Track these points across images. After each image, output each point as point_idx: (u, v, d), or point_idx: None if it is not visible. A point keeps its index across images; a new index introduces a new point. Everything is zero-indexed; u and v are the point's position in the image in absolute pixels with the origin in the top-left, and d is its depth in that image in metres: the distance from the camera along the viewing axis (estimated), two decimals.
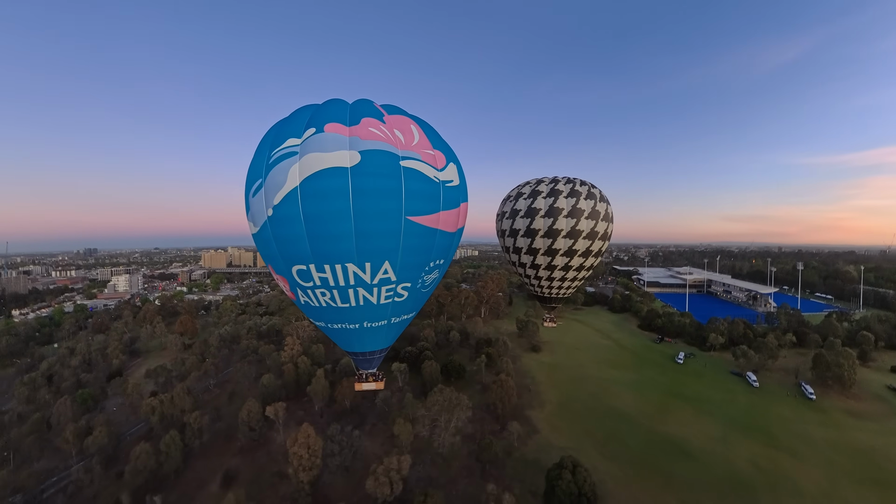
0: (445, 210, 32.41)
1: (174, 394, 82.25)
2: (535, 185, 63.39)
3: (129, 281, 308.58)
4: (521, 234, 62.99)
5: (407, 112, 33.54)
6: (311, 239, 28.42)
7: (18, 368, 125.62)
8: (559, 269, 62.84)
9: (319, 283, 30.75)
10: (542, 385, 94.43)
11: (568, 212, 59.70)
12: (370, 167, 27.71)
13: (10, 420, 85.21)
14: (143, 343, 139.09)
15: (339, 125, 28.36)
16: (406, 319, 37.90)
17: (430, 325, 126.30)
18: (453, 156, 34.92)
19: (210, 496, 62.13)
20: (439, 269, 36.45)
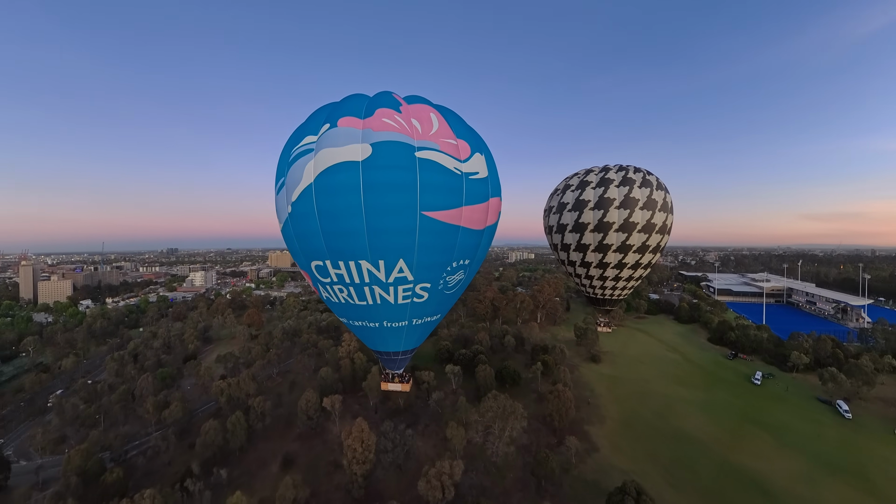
0: (470, 205, 29.39)
1: (240, 379, 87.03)
2: (584, 176, 57.15)
3: (204, 277, 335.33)
4: (568, 230, 57.17)
5: (431, 101, 31.15)
6: (326, 235, 27.92)
7: (110, 347, 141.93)
8: (612, 266, 56.43)
9: (336, 279, 30.20)
10: (603, 399, 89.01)
11: (620, 202, 53.15)
12: (382, 159, 26.03)
13: (102, 389, 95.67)
14: (214, 332, 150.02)
15: (353, 119, 27.37)
16: (430, 322, 35.03)
17: (485, 329, 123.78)
18: (481, 145, 32.00)
19: (270, 476, 64.29)
20: (464, 271, 33.01)
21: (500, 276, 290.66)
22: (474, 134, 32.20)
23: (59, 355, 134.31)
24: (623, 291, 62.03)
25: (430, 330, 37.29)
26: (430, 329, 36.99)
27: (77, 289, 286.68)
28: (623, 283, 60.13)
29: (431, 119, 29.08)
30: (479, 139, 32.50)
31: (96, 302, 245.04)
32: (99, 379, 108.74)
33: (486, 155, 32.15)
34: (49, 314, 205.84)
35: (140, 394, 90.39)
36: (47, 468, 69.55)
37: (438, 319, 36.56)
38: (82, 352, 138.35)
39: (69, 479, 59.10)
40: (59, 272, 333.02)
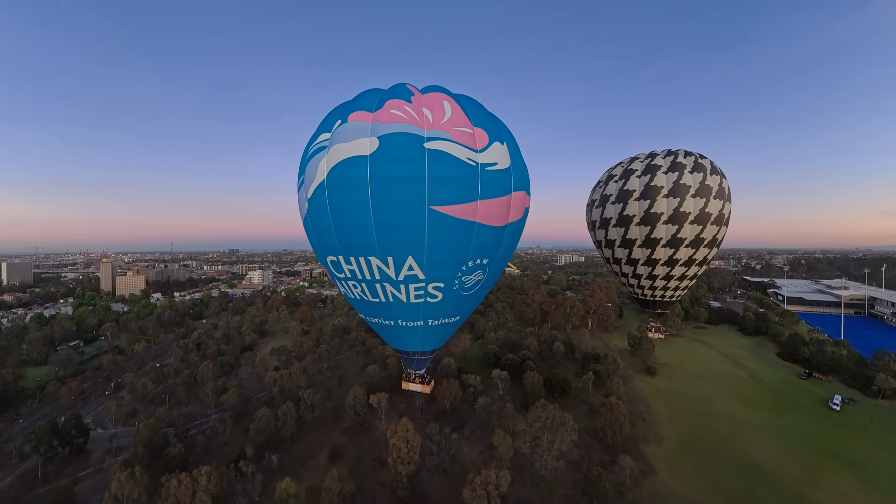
0: (486, 199, 27.20)
1: (292, 371, 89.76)
2: (629, 164, 50.92)
3: (261, 275, 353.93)
4: (612, 224, 51.44)
5: (449, 91, 28.88)
6: (338, 231, 27.45)
7: (176, 335, 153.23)
8: (661, 264, 50.12)
9: (349, 275, 29.62)
10: (659, 416, 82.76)
11: (669, 190, 46.63)
12: (389, 152, 25.19)
13: (168, 372, 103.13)
14: (270, 326, 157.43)
15: (364, 113, 26.57)
16: (448, 324, 32.95)
17: (533, 334, 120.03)
18: (503, 134, 29.18)
19: (318, 466, 65.17)
20: (483, 271, 30.37)
21: (548, 280, 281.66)
22: (495, 122, 29.64)
23: (132, 340, 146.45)
24: (676, 293, 55.52)
25: (451, 332, 35.17)
26: (451, 331, 34.82)
27: (149, 283, 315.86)
28: (675, 284, 53.77)
29: (444, 107, 27.29)
30: (502, 127, 29.89)
31: (165, 295, 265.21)
32: (166, 363, 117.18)
33: (510, 144, 29.47)
34: (125, 305, 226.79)
35: (201, 378, 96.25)
36: (119, 437, 76.11)
37: (459, 322, 34.13)
38: (152, 338, 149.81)
39: (137, 449, 63.87)
40: (134, 269, 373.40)
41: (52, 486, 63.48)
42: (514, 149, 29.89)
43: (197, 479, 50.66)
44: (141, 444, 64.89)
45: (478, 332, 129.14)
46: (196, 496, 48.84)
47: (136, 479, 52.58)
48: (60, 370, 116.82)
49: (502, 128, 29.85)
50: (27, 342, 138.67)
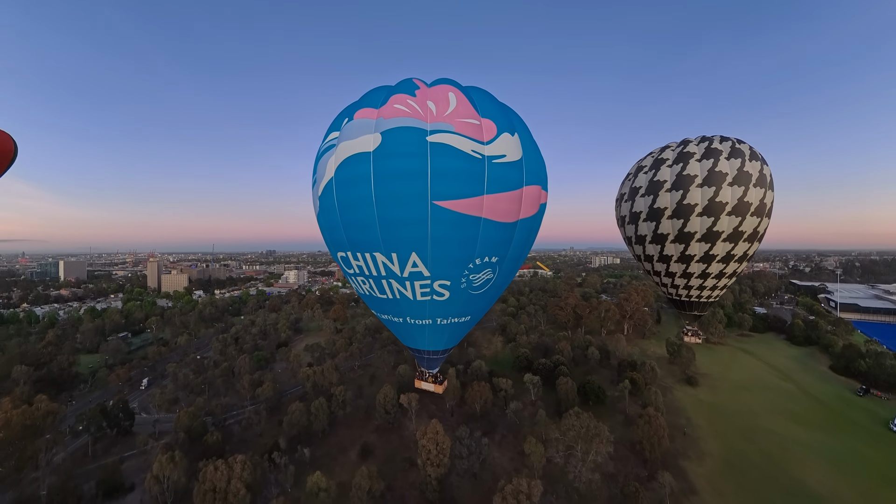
0: (494, 193, 25.53)
1: (325, 368, 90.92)
2: (660, 153, 46.86)
3: (297, 275, 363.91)
4: (642, 219, 46.98)
5: (458, 83, 27.84)
6: (345, 227, 27.44)
7: (216, 330, 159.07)
8: (696, 260, 45.40)
9: (358, 270, 29.45)
10: (701, 431, 77.84)
11: (703, 179, 42.49)
12: (391, 147, 24.46)
13: (208, 364, 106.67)
14: (304, 323, 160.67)
15: (369, 110, 26.18)
16: (458, 324, 31.60)
17: (566, 338, 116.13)
18: (515, 125, 27.64)
19: (348, 462, 65.40)
20: (492, 270, 28.90)
21: (582, 282, 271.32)
22: (506, 112, 28.09)
23: (175, 333, 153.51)
24: (713, 292, 50.15)
25: (462, 332, 33.99)
26: (462, 331, 33.62)
27: (192, 281, 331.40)
28: (713, 283, 48.38)
29: (449, 98, 26.02)
30: (514, 118, 28.46)
31: (207, 293, 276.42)
32: (206, 355, 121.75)
33: (523, 136, 27.86)
34: (169, 301, 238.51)
35: (239, 371, 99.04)
36: (162, 422, 79.58)
37: (470, 322, 32.91)
38: (194, 332, 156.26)
39: (178, 434, 66.55)
40: (178, 268, 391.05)
41: (100, 463, 67.16)
42: (528, 140, 28.40)
43: (232, 466, 51.76)
44: (182, 429, 67.57)
45: (509, 334, 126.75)
46: (231, 483, 49.80)
47: (176, 462, 54.48)
48: (110, 358, 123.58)
49: (514, 118, 28.44)
50: (81, 332, 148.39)
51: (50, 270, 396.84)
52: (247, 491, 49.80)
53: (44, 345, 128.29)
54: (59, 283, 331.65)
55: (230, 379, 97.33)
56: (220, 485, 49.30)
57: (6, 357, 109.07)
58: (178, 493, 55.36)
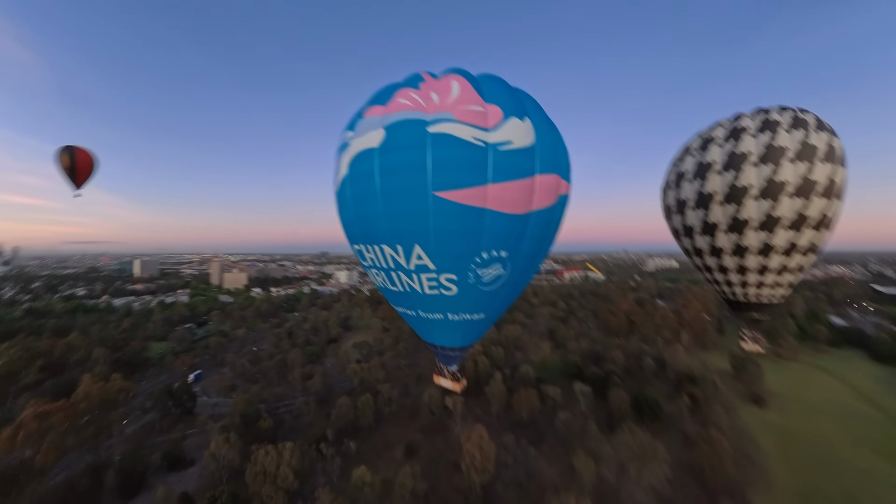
0: (499, 182, 24.07)
1: (372, 365, 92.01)
2: (709, 132, 41.23)
3: (347, 275, 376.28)
4: (690, 207, 41.24)
5: (466, 71, 26.57)
6: (358, 220, 27.79)
7: (271, 325, 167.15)
8: (753, 252, 38.92)
9: (371, 262, 29.43)
10: (770, 458, 68.84)
11: (759, 156, 36.54)
12: (393, 141, 24.45)
13: (263, 355, 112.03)
14: (353, 321, 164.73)
15: (377, 107, 26.17)
16: (471, 321, 30.04)
17: (619, 346, 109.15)
18: (525, 109, 25.53)
19: (393, 459, 65.12)
20: (503, 265, 27.13)
21: (636, 287, 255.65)
22: (517, 96, 26.14)
23: (234, 326, 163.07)
24: (774, 291, 42.53)
25: (477, 331, 32.41)
26: (476, 329, 32.05)
27: (250, 279, 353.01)
28: (773, 279, 40.97)
29: (451, 87, 24.99)
30: (526, 102, 26.36)
31: (264, 290, 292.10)
32: (261, 348, 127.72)
33: (536, 120, 25.65)
34: (230, 296, 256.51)
35: (291, 364, 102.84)
36: (220, 406, 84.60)
37: (484, 320, 31.33)
38: (251, 326, 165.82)
39: (234, 418, 69.91)
40: (239, 267, 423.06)
41: (166, 437, 72.94)
42: (544, 126, 26.32)
43: (282, 452, 53.12)
44: (237, 414, 70.82)
45: (558, 340, 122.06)
46: (280, 467, 51.06)
47: (231, 444, 56.84)
48: (176, 346, 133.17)
49: (527, 102, 26.49)
50: (152, 322, 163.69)
51: (127, 268, 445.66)
52: (294, 477, 50.83)
53: (120, 331, 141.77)
54: (134, 279, 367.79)
55: (283, 370, 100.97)
56: (270, 468, 50.71)
57: (89, 339, 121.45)
58: (233, 471, 57.91)
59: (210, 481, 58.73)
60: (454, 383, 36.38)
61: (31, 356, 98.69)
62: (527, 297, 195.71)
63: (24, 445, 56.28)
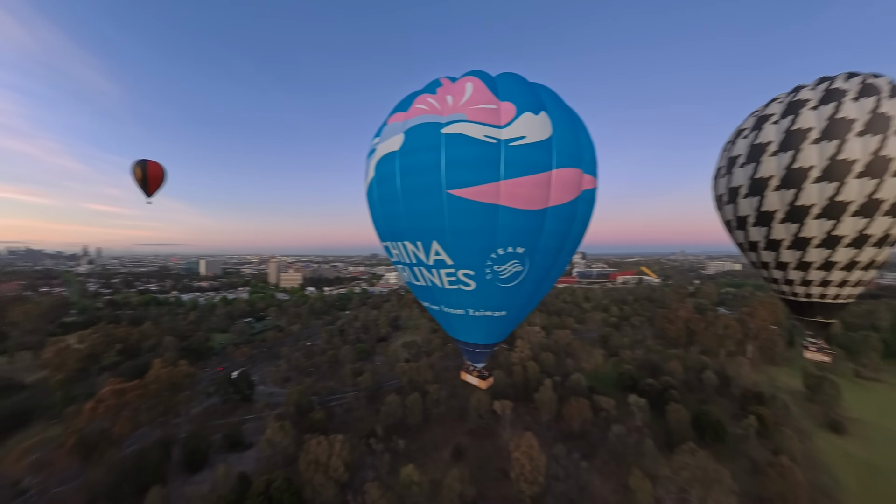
0: (513, 178, 23.95)
1: (420, 365, 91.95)
2: (764, 109, 35.46)
3: (397, 277, 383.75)
4: (742, 194, 35.62)
5: (484, 72, 26.98)
6: (384, 219, 29.34)
7: (324, 322, 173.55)
8: (815, 245, 32.85)
9: (397, 258, 30.87)
10: (851, 496, 59.08)
11: (820, 131, 30.59)
12: (411, 144, 25.66)
13: (315, 350, 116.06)
14: (402, 321, 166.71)
15: (399, 114, 27.44)
16: (493, 318, 29.93)
17: (677, 357, 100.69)
18: (545, 104, 25.37)
19: (440, 460, 64.31)
20: (520, 261, 26.80)
21: (695, 292, 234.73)
22: (533, 91, 25.90)
23: (289, 322, 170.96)
24: (843, 290, 35.94)
25: (501, 328, 31.58)
26: (500, 327, 31.23)
27: (305, 279, 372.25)
28: (841, 276, 34.37)
29: (465, 88, 25.58)
30: (544, 96, 25.55)
31: (317, 289, 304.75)
32: (314, 343, 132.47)
33: (554, 114, 25.29)
34: (286, 294, 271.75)
35: (342, 360, 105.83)
36: (276, 396, 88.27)
37: (507, 318, 30.63)
38: (305, 322, 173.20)
39: (289, 407, 72.59)
40: (294, 267, 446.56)
41: (226, 420, 77.38)
42: (563, 119, 25.66)
43: (333, 444, 53.94)
44: (292, 404, 73.35)
45: (611, 348, 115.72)
46: (331, 458, 51.68)
47: (286, 431, 58.67)
48: (236, 338, 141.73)
49: (544, 97, 25.90)
50: (215, 315, 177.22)
51: (194, 267, 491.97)
52: (345, 469, 51.22)
53: (187, 323, 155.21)
54: (200, 277, 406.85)
55: (334, 366, 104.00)
56: (322, 458, 51.49)
57: (160, 329, 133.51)
58: (287, 458, 59.78)
59: (266, 465, 60.93)
60: (480, 381, 36.14)
61: (111, 341, 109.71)
62: (578, 301, 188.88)
63: (103, 417, 62.22)
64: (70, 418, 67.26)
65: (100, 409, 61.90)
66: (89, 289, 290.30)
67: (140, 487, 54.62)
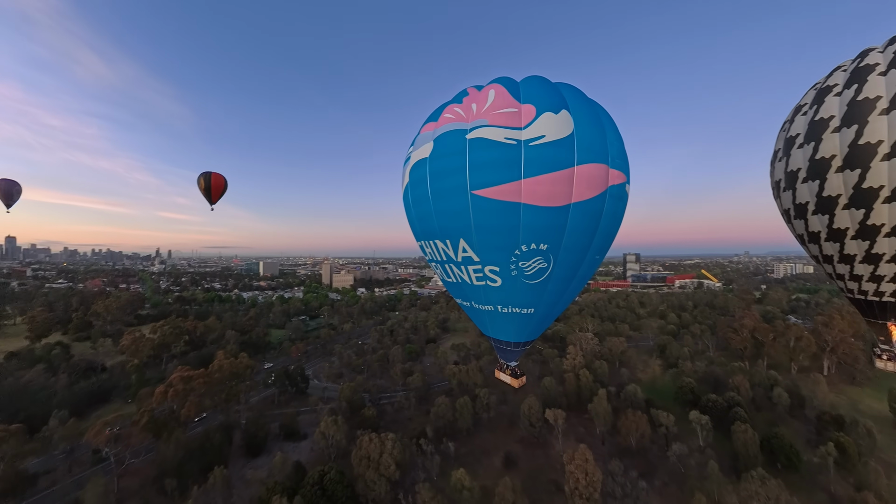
0: (533, 176, 24.78)
1: (469, 368, 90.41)
2: (825, 80, 30.66)
3: None
4: (801, 179, 30.83)
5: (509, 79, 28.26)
6: (418, 219, 31.36)
7: (375, 322, 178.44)
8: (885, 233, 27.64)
9: (431, 256, 32.79)
10: None
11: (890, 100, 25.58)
12: (439, 150, 27.63)
13: (367, 349, 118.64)
14: (451, 324, 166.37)
15: (430, 124, 29.52)
16: (523, 315, 30.52)
17: (743, 371, 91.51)
18: (567, 102, 26.06)
19: (491, 467, 62.59)
20: (545, 258, 27.30)
21: (762, 298, 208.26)
22: (554, 92, 26.66)
23: (342, 321, 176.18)
24: None
25: (531, 326, 32.20)
26: (529, 325, 31.79)
27: (356, 280, 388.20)
28: None
29: (487, 95, 27.27)
30: (567, 95, 26.78)
31: (368, 290, 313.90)
32: (365, 342, 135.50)
33: (575, 111, 25.89)
34: (338, 294, 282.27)
35: (392, 360, 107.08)
36: (329, 391, 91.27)
37: (535, 315, 30.98)
38: (357, 321, 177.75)
39: (342, 402, 74.15)
40: (346, 269, 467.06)
41: (282, 411, 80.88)
42: (584, 115, 26.38)
43: (384, 441, 53.96)
44: (344, 399, 75.02)
45: (669, 358, 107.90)
46: (383, 455, 51.64)
47: (339, 426, 59.61)
48: (292, 334, 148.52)
49: (567, 95, 26.93)
50: (273, 313, 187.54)
51: (253, 268, 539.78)
52: (396, 467, 50.94)
53: (247, 318, 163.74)
54: (259, 277, 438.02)
55: (385, 365, 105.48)
56: (373, 455, 51.63)
57: (223, 324, 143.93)
58: (340, 451, 61.17)
59: (319, 456, 62.68)
60: (513, 379, 36.95)
61: (179, 333, 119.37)
62: (632, 307, 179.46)
63: (172, 400, 67.86)
64: (143, 399, 74.13)
65: (170, 393, 66.94)
66: (161, 286, 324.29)
67: (204, 467, 58.00)
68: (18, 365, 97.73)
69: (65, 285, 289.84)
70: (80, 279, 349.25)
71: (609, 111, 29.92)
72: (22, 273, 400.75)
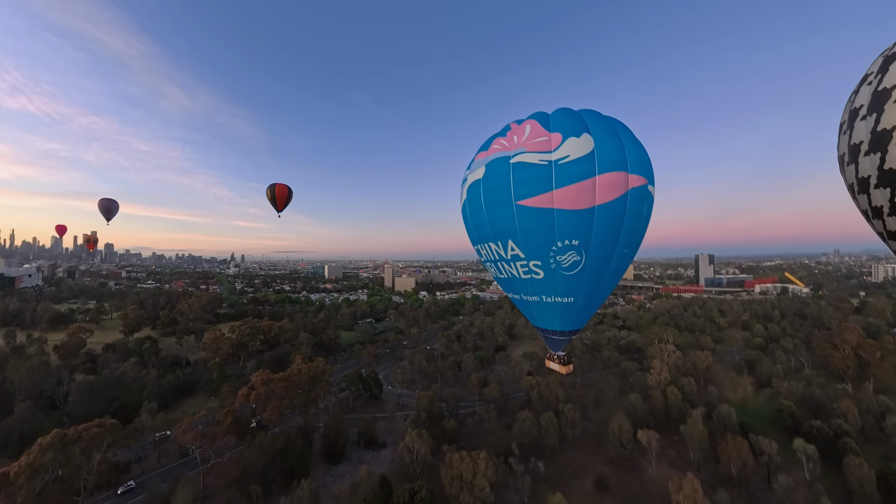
0: (563, 187, 31.43)
1: (550, 381, 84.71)
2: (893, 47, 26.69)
3: None
4: (863, 152, 27.02)
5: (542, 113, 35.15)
6: (475, 228, 38.30)
7: (440, 326, 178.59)
8: None
9: (486, 257, 39.41)
10: None
11: None
12: (490, 173, 34.74)
13: (436, 355, 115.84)
14: (518, 330, 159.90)
15: (482, 153, 36.77)
16: (563, 304, 36.19)
17: (847, 394, 78.86)
18: (588, 126, 32.65)
19: (583, 490, 57.90)
20: (578, 252, 33.27)
21: (861, 307, 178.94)
22: (576, 120, 33.16)
23: (408, 325, 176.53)
24: None
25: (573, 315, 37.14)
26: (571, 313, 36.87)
27: (417, 283, 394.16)
28: None
29: (525, 129, 34.21)
30: (589, 121, 33.13)
31: (429, 293, 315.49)
32: (433, 347, 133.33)
33: (596, 133, 32.27)
34: (401, 297, 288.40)
35: (465, 367, 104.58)
36: (404, 397, 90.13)
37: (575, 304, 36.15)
38: (422, 325, 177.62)
39: (420, 413, 71.64)
40: (407, 272, 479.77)
41: (358, 416, 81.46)
42: (603, 135, 32.49)
43: (476, 461, 50.96)
44: (422, 409, 72.47)
45: (761, 376, 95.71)
46: (476, 476, 48.60)
47: (424, 440, 57.11)
48: (361, 337, 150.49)
49: (590, 121, 33.17)
50: (340, 315, 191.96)
51: (319, 271, 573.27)
52: (491, 489, 47.51)
53: (317, 321, 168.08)
54: (324, 280, 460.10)
55: (457, 372, 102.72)
56: (466, 475, 48.66)
57: (295, 325, 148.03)
58: (425, 465, 58.88)
59: (401, 469, 60.72)
60: (561, 367, 41.79)
61: (255, 332, 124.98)
62: (711, 315, 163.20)
63: (254, 402, 69.81)
64: (225, 396, 78.50)
65: (252, 397, 68.80)
66: (236, 287, 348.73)
67: (286, 471, 58.62)
68: (115, 357, 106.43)
69: (153, 286, 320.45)
70: (166, 280, 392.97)
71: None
72: (118, 274, 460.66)
